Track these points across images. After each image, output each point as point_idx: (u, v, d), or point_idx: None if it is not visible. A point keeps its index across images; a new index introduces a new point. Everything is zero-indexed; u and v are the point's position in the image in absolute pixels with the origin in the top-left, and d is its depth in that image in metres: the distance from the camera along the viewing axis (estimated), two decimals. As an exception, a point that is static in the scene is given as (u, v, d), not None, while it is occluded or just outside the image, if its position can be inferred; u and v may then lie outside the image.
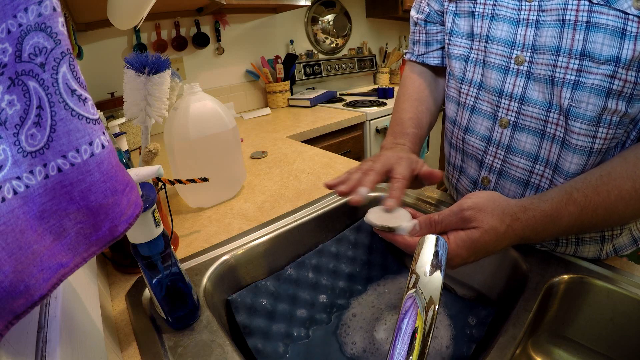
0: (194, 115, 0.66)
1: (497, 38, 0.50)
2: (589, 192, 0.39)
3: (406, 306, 0.27)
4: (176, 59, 1.62)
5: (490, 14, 0.51)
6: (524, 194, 0.52)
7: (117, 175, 0.25)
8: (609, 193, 0.38)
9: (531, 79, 0.47)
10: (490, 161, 0.54)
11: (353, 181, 0.46)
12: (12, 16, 0.21)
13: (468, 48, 0.55)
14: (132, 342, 0.42)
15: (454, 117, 0.60)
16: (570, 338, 0.48)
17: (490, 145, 0.54)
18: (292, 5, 1.69)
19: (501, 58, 0.50)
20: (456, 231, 0.38)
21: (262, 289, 0.52)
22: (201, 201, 0.73)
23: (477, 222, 0.37)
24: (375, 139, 1.69)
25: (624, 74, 0.39)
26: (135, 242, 0.37)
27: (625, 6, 0.37)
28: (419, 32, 0.65)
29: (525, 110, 0.48)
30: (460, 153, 0.61)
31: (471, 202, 0.38)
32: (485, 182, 0.56)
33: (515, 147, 0.51)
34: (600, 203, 0.38)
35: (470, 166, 0.59)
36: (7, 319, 0.20)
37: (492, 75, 0.51)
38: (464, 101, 0.57)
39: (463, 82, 0.56)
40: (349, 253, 0.62)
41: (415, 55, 0.68)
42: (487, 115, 0.53)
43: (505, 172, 0.53)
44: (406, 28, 2.60)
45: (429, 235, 0.31)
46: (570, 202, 0.39)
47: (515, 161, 0.51)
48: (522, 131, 0.49)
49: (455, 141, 0.61)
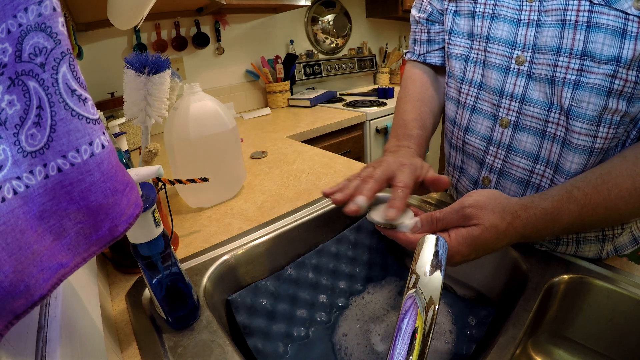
0: (194, 115, 0.66)
1: (498, 38, 0.50)
2: (589, 191, 0.39)
3: (406, 306, 0.27)
4: (176, 59, 1.62)
5: (491, 14, 0.51)
6: (525, 194, 0.52)
7: (117, 175, 0.25)
8: (609, 191, 0.39)
9: (532, 78, 0.47)
10: (491, 161, 0.54)
11: (350, 189, 0.43)
12: (12, 16, 0.21)
13: (468, 48, 0.55)
14: (132, 342, 0.42)
15: (453, 117, 0.60)
16: (570, 338, 0.48)
17: (490, 145, 0.54)
18: (292, 5, 1.69)
19: (502, 58, 0.50)
20: (457, 228, 0.39)
21: (262, 289, 0.52)
22: (201, 201, 0.73)
23: (478, 220, 0.37)
24: (375, 139, 1.69)
25: (625, 74, 0.39)
26: (135, 242, 0.37)
27: (625, 6, 0.38)
28: (421, 31, 0.65)
29: (526, 110, 0.48)
30: (461, 153, 0.61)
31: (472, 200, 0.39)
32: (486, 182, 0.56)
33: (516, 147, 0.51)
34: (601, 201, 0.39)
35: (470, 166, 0.59)
36: (7, 319, 0.20)
37: (493, 75, 0.51)
38: (464, 101, 0.57)
39: (463, 82, 0.56)
40: (349, 253, 0.62)
41: (416, 55, 0.67)
42: (488, 115, 0.53)
43: (505, 172, 0.53)
44: (406, 28, 2.60)
45: (429, 235, 0.31)
46: (570, 201, 0.39)
47: (515, 161, 0.51)
48: (522, 131, 0.49)
49: (456, 141, 0.61)
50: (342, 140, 1.56)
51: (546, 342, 0.49)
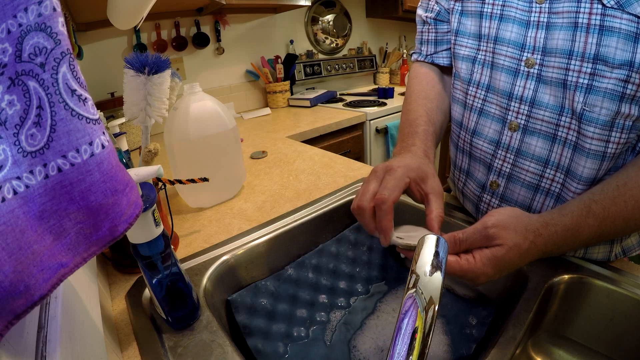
0: (194, 115, 0.66)
1: (507, 39, 0.49)
2: (606, 204, 0.39)
3: (406, 306, 0.27)
4: (176, 59, 1.62)
5: (499, 15, 0.50)
6: (534, 199, 0.51)
7: (117, 175, 0.25)
8: (626, 203, 0.39)
9: (542, 82, 0.46)
10: (499, 165, 0.53)
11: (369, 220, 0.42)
12: (12, 16, 0.21)
13: (475, 49, 0.54)
14: (132, 342, 0.42)
15: (460, 120, 0.59)
16: (570, 338, 0.48)
17: (499, 148, 0.52)
18: (292, 5, 1.69)
19: (511, 60, 0.49)
20: (481, 249, 0.38)
21: (262, 289, 0.52)
22: (201, 201, 0.73)
23: (501, 240, 0.37)
24: (375, 139, 1.69)
25: (638, 79, 0.39)
26: (135, 242, 0.37)
27: (638, 10, 0.37)
28: (428, 31, 0.63)
29: (536, 114, 0.47)
30: (467, 156, 0.59)
31: (495, 220, 0.38)
32: (494, 186, 0.55)
33: (525, 150, 0.50)
34: (618, 214, 0.39)
35: (478, 170, 0.58)
36: (7, 319, 0.20)
37: (502, 78, 0.50)
38: (471, 103, 0.55)
39: (470, 83, 0.55)
40: (349, 253, 0.62)
41: (423, 55, 0.66)
42: (496, 118, 0.52)
43: (514, 177, 0.52)
44: (406, 28, 2.60)
45: (429, 235, 0.31)
46: (590, 215, 0.39)
47: (525, 165, 0.50)
48: (532, 135, 0.48)
49: (462, 144, 0.59)
50: (342, 140, 1.56)
51: (546, 342, 0.49)
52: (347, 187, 0.74)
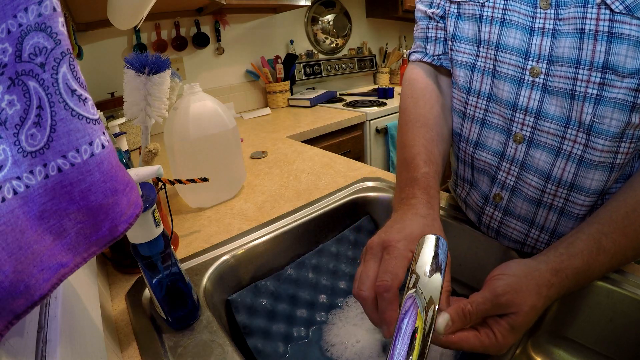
0: (194, 115, 0.66)
1: (510, 46, 0.46)
2: (616, 236, 0.38)
3: (406, 306, 0.27)
4: (176, 59, 1.62)
5: (500, 19, 0.47)
6: (537, 213, 0.49)
7: (117, 175, 0.25)
8: (636, 232, 0.37)
9: (548, 92, 0.44)
10: (504, 178, 0.51)
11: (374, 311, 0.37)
12: (12, 16, 0.21)
13: (474, 55, 0.51)
14: (132, 342, 0.42)
15: (459, 131, 0.56)
16: (570, 338, 0.48)
17: (503, 161, 0.50)
18: (292, 5, 1.69)
19: (514, 69, 0.46)
20: (497, 322, 0.35)
21: (262, 289, 0.52)
22: (201, 201, 0.73)
23: (516, 307, 0.35)
24: (375, 139, 1.69)
25: None
26: (135, 242, 0.37)
27: None
28: (435, 28, 0.57)
29: (542, 126, 0.45)
30: (470, 167, 0.57)
31: (505, 285, 0.35)
32: (497, 199, 0.52)
33: (530, 163, 0.47)
34: (629, 244, 0.38)
35: (481, 181, 0.55)
36: (7, 319, 0.20)
37: (505, 87, 0.47)
38: (472, 114, 0.53)
39: (469, 92, 0.52)
40: (349, 253, 0.62)
41: (430, 56, 0.58)
42: (500, 129, 0.50)
43: (518, 190, 0.50)
44: (406, 28, 2.60)
45: (428, 236, 0.31)
46: (600, 252, 0.38)
47: (528, 179, 0.48)
48: (537, 147, 0.46)
49: (464, 155, 0.56)
50: (342, 140, 1.56)
51: (546, 342, 0.49)
52: (347, 187, 0.74)
